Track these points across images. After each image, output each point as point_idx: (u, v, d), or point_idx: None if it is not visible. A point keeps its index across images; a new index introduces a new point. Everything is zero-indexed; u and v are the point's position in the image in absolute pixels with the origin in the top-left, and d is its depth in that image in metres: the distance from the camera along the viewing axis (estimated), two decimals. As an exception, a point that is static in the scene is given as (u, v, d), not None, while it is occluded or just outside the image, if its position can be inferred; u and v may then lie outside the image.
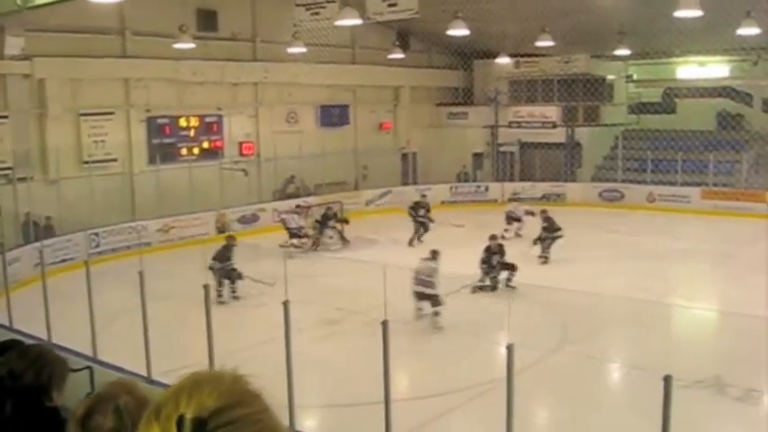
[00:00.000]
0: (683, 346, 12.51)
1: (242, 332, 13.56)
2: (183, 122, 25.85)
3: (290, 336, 7.75)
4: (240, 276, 17.16)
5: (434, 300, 14.62)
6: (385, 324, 7.22)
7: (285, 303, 7.67)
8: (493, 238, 18.06)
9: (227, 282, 17.35)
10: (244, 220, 25.70)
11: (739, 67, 32.14)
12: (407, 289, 14.52)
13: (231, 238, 18.36)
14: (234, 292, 17.39)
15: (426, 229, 23.94)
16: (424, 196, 25.80)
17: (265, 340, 10.75)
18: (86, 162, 23.35)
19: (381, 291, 7.54)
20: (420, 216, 24.25)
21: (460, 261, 16.82)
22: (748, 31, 20.52)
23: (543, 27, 24.76)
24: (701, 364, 11.88)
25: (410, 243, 23.43)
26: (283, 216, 23.91)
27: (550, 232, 20.80)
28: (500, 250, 17.70)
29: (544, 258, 20.52)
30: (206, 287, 8.41)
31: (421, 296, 14.80)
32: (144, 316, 9.49)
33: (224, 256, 17.50)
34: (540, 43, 25.15)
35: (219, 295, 16.68)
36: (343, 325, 14.89)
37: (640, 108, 35.16)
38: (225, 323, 10.89)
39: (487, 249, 17.60)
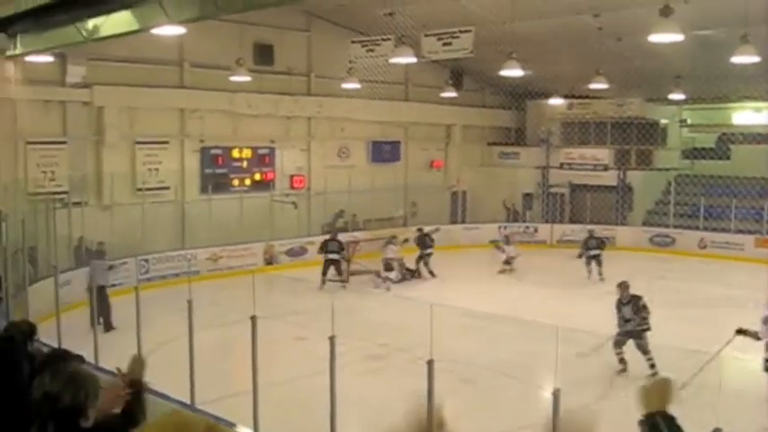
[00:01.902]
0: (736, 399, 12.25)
1: (286, 364, 13.58)
2: (235, 153, 26.18)
3: (334, 370, 7.75)
4: None
5: None
6: (430, 363, 7.18)
7: (331, 339, 7.69)
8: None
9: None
10: (292, 253, 25.85)
11: (796, 114, 31.71)
12: (453, 327, 14.41)
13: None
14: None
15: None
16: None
17: (310, 373, 10.75)
18: (140, 189, 23.72)
19: (427, 328, 7.51)
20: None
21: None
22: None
23: (598, 69, 24.66)
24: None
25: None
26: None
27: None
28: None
29: None
30: (253, 318, 8.45)
31: None
32: (190, 344, 9.56)
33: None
34: (594, 85, 25.03)
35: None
36: (388, 361, 14.84)
37: (694, 153, 34.73)
38: (269, 354, 10.90)
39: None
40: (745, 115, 33.12)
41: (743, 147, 33.09)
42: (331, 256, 23.07)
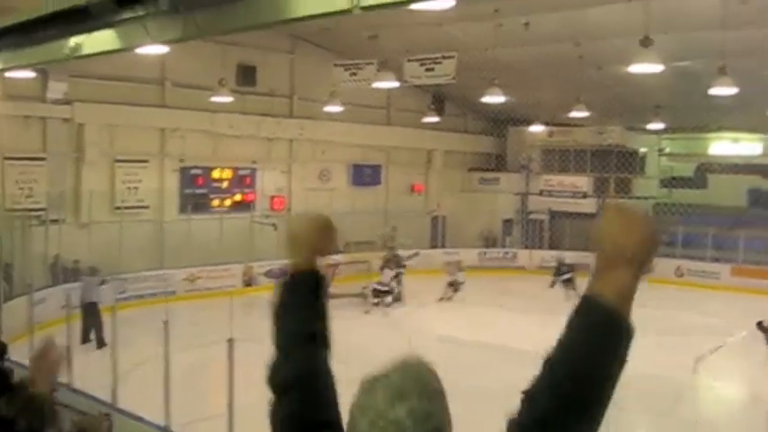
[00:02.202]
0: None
1: (263, 387, 13.48)
2: (216, 174, 26.12)
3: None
4: None
5: None
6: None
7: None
8: None
9: None
10: (271, 275, 25.70)
11: (772, 145, 32.08)
12: (432, 353, 14.30)
13: None
14: None
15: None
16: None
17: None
18: (118, 208, 23.60)
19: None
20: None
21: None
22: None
23: (578, 97, 24.87)
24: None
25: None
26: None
27: None
28: None
29: None
30: (230, 341, 8.41)
31: None
32: (166, 365, 9.49)
33: None
34: (574, 114, 25.23)
35: None
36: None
37: (672, 182, 35.04)
38: (246, 377, 10.83)
39: None
40: (723, 145, 33.44)
41: (720, 176, 33.43)
42: None
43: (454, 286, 24.84)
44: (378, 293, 23.35)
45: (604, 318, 1.58)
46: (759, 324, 13.04)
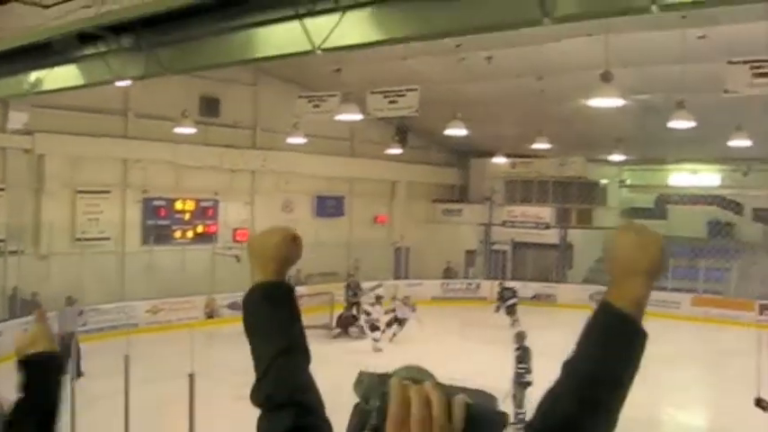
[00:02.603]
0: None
1: (225, 424, 13.34)
2: (178, 205, 25.96)
3: None
4: None
5: None
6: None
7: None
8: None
9: None
10: (234, 307, 25.54)
11: (730, 177, 32.61)
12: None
13: None
14: None
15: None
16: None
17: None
18: (79, 239, 23.37)
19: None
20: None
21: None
22: (738, 143, 20.90)
23: (540, 130, 25.14)
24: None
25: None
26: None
27: None
28: None
29: None
30: (191, 376, 8.34)
31: None
32: (126, 400, 9.38)
33: None
34: (536, 146, 25.50)
35: None
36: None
37: (633, 213, 35.42)
38: (208, 413, 10.73)
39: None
40: (682, 177, 33.96)
41: (679, 207, 33.92)
42: None
43: (399, 321, 24.47)
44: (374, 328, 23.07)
45: (621, 323, 1.69)
46: (758, 402, 13.18)
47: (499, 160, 31.92)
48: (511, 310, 26.19)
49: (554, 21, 8.20)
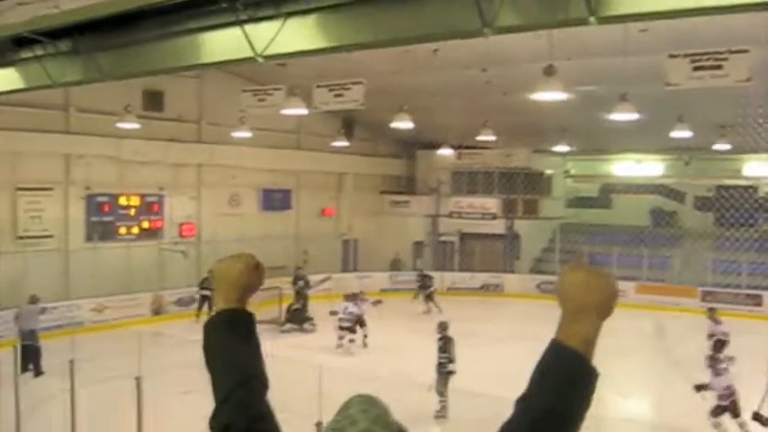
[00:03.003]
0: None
1: (173, 421, 13.24)
2: (123, 201, 25.58)
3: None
4: None
5: None
6: (319, 425, 7.14)
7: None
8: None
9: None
10: (181, 303, 25.37)
11: (673, 166, 33.16)
12: (342, 384, 13.84)
13: None
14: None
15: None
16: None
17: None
18: (21, 237, 22.96)
19: (315, 387, 7.47)
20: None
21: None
22: (680, 134, 21.24)
23: (485, 122, 25.27)
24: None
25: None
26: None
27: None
28: None
29: None
30: (138, 379, 8.24)
31: None
32: (72, 404, 9.25)
33: None
34: (481, 138, 25.62)
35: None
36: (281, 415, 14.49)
37: (578, 202, 35.94)
38: (156, 409, 10.61)
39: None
40: (626, 166, 34.44)
41: (623, 196, 34.49)
42: (203, 292, 23.95)
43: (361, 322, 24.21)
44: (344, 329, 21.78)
45: (573, 362, 1.73)
46: (756, 416, 13.39)
47: (446, 152, 32.04)
48: (429, 299, 27.00)
49: (494, 31, 8.33)
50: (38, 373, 16.77)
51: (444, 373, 15.35)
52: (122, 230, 25.47)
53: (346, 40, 9.80)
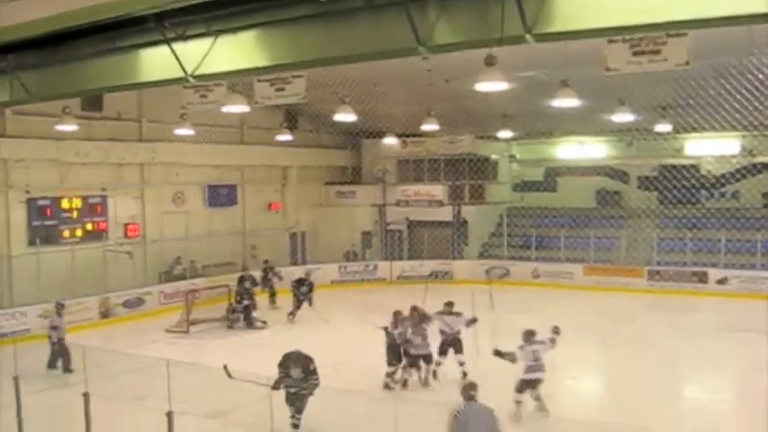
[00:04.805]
0: None
1: (122, 429, 13.06)
2: (65, 204, 25.05)
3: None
4: None
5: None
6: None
7: (169, 415, 7.44)
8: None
9: None
10: (129, 305, 25.03)
11: (616, 147, 33.57)
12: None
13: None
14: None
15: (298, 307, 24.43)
16: (308, 274, 25.65)
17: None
18: (-40, 245, 22.46)
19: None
20: (302, 294, 24.51)
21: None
22: (621, 117, 21.46)
23: (429, 110, 25.29)
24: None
25: (290, 317, 24.23)
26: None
27: None
28: None
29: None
30: (85, 395, 8.10)
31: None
32: (19, 419, 9.06)
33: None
34: (425, 126, 25.64)
35: None
36: (230, 417, 14.35)
37: (524, 186, 36.26)
38: (103, 418, 10.44)
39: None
40: (570, 149, 34.77)
41: (568, 179, 34.87)
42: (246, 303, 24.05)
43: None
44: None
45: None
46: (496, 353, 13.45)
47: (390, 140, 32.01)
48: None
49: (429, 50, 8.39)
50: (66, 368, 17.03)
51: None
52: (66, 233, 24.95)
53: (280, 60, 9.75)
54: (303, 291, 24.54)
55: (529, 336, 14.22)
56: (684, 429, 12.70)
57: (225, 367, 11.43)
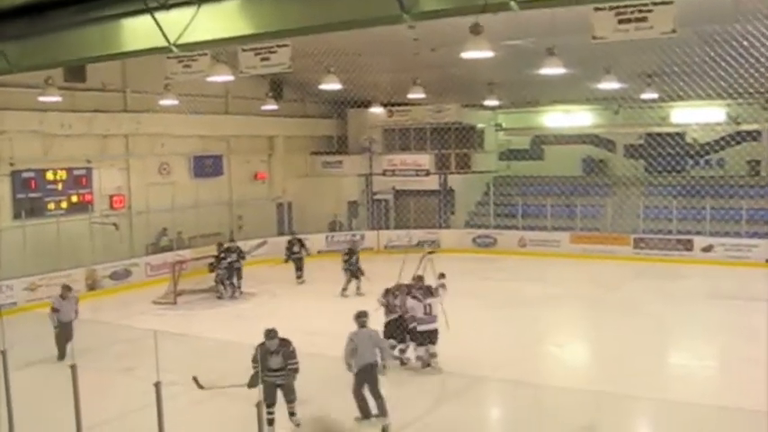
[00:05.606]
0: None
1: (115, 398, 13.09)
2: (50, 176, 24.88)
3: (162, 417, 7.49)
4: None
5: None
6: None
7: (157, 385, 7.42)
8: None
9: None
10: (116, 276, 24.99)
11: (602, 115, 33.55)
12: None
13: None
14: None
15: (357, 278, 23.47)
16: (354, 244, 25.17)
17: (140, 406, 10.33)
18: (-55, 218, 22.32)
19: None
20: (351, 265, 23.72)
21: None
22: (608, 85, 21.45)
23: (415, 79, 25.20)
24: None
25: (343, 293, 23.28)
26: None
27: None
28: None
29: None
30: (73, 367, 8.07)
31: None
32: (7, 393, 9.05)
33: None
34: (411, 95, 25.56)
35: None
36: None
37: (510, 155, 36.24)
38: (93, 390, 10.44)
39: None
40: (556, 117, 34.74)
41: (555, 147, 34.85)
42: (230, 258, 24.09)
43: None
44: None
45: None
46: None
47: (376, 110, 31.89)
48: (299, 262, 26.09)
49: (413, 17, 8.30)
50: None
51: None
52: (51, 206, 24.80)
53: (264, 28, 9.62)
54: (352, 262, 23.80)
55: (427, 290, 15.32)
56: (672, 396, 12.77)
57: (195, 379, 11.82)
